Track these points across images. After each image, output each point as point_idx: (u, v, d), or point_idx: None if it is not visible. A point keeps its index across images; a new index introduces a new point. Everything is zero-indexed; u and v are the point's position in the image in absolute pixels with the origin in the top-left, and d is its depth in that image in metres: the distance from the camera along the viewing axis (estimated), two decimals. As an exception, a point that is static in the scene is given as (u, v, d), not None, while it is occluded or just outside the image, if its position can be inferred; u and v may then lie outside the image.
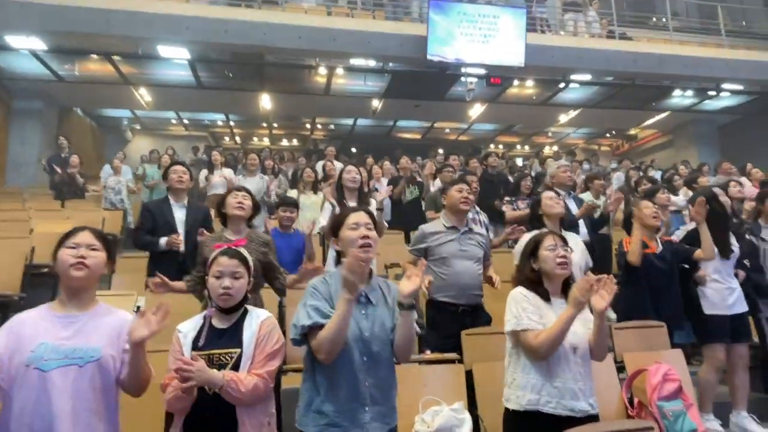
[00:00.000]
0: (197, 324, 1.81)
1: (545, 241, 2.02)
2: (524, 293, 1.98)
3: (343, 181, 3.72)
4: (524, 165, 10.54)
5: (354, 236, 1.74)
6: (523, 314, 1.91)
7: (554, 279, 1.99)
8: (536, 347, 1.85)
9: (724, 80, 9.74)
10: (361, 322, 1.69)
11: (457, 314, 2.85)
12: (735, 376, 3.01)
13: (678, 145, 13.28)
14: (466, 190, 3.02)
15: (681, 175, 7.80)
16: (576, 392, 1.85)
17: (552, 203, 3.13)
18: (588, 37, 9.55)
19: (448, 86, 9.50)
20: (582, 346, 1.92)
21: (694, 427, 2.40)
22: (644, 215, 3.14)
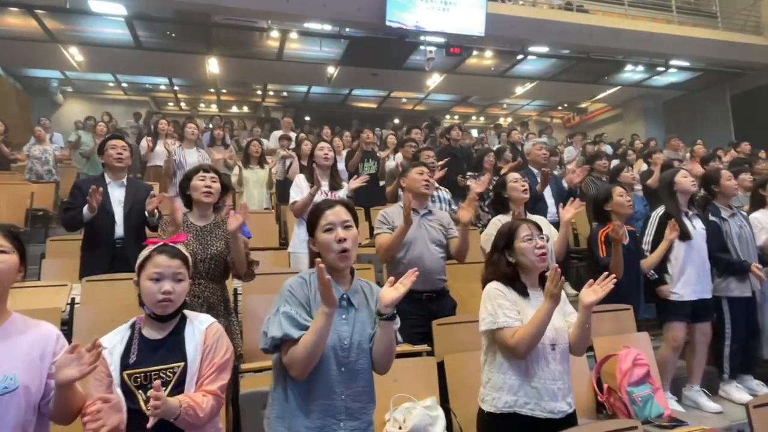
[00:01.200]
0: (124, 336, 1.53)
1: (520, 231, 1.85)
2: (500, 288, 1.84)
3: (316, 158, 3.48)
4: (480, 137, 10.49)
5: (329, 240, 1.53)
6: (499, 311, 1.77)
7: (532, 272, 1.86)
8: (513, 346, 1.72)
9: (673, 56, 10.02)
10: (340, 328, 1.51)
11: (422, 301, 2.71)
12: (695, 353, 3.08)
13: (626, 119, 13.70)
14: (426, 173, 2.85)
15: (636, 149, 8.01)
16: (555, 392, 1.76)
17: (517, 186, 3.01)
18: (547, 8, 9.46)
19: (407, 54, 9.21)
20: (561, 341, 1.82)
21: (661, 411, 2.43)
22: (619, 203, 3.04)
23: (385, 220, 2.81)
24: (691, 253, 2.98)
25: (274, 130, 8.07)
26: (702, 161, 6.36)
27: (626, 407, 2.40)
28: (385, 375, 2.29)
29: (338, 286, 1.54)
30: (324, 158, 3.50)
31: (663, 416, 2.41)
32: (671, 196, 3.13)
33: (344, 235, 1.53)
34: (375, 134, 9.08)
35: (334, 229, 1.54)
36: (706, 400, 3.01)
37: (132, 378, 1.45)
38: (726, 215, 3.36)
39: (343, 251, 1.52)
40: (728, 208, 3.40)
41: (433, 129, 8.36)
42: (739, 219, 3.37)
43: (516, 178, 3.06)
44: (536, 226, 1.90)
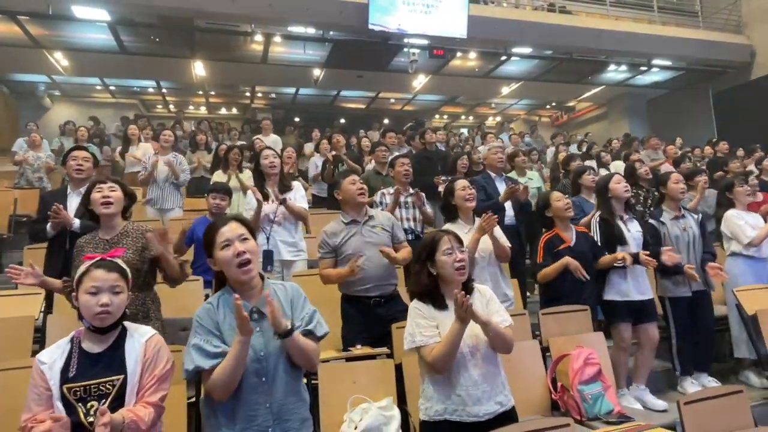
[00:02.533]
0: (64, 350, 1.56)
1: (441, 244, 1.91)
2: (418, 307, 1.92)
3: (262, 167, 3.50)
4: (465, 139, 10.57)
5: (228, 256, 1.57)
6: (416, 331, 1.86)
7: (451, 284, 1.90)
8: (431, 363, 1.82)
9: (655, 56, 10.13)
10: (254, 342, 1.54)
11: (370, 306, 2.77)
12: (640, 354, 3.16)
13: (611, 118, 13.83)
14: (359, 181, 2.90)
15: (612, 150, 8.11)
16: (479, 397, 1.83)
17: (464, 194, 3.01)
18: (530, 9, 9.57)
19: (390, 57, 9.30)
20: (483, 346, 1.88)
21: (611, 408, 2.53)
22: (557, 208, 3.12)
23: (324, 243, 2.85)
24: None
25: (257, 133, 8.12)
26: (674, 162, 6.49)
27: (577, 405, 2.50)
28: (343, 377, 2.41)
29: (246, 301, 1.57)
30: (270, 166, 3.49)
31: (613, 413, 2.51)
32: (606, 201, 3.22)
33: (242, 248, 1.57)
34: (358, 136, 9.22)
35: (231, 244, 1.58)
36: (652, 398, 3.08)
37: (71, 391, 1.49)
38: (667, 218, 3.43)
39: (243, 263, 1.57)
40: (675, 210, 3.48)
41: (418, 130, 8.41)
42: (686, 222, 3.43)
43: (463, 186, 3.05)
44: (457, 238, 1.96)
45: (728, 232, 3.72)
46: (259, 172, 3.55)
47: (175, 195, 5.05)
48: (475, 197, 3.05)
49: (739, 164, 6.81)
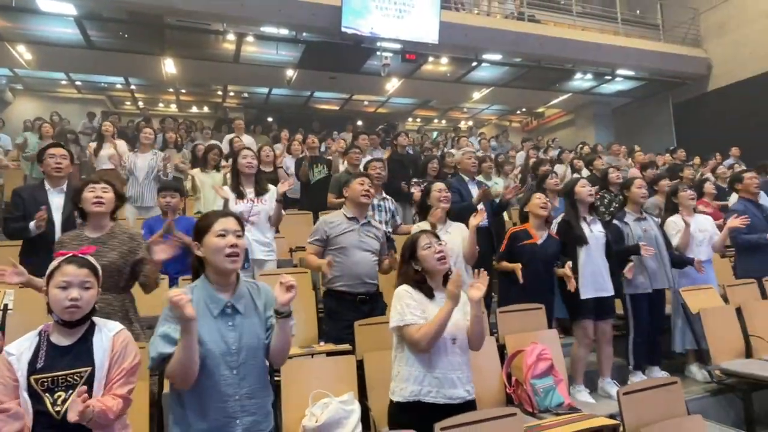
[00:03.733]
0: (32, 343, 1.59)
1: (420, 241, 2.08)
2: (408, 290, 2.06)
3: (239, 166, 3.55)
4: (436, 142, 10.75)
5: (221, 245, 1.63)
6: (406, 310, 1.98)
7: (436, 275, 2.08)
8: (418, 340, 1.93)
9: (619, 66, 10.54)
10: (227, 335, 1.61)
11: (356, 303, 2.89)
12: (600, 349, 3.35)
13: (578, 125, 14.26)
14: (367, 183, 3.03)
15: (584, 155, 8.39)
16: (454, 381, 1.97)
17: (440, 196, 3.21)
18: (500, 18, 9.81)
19: (363, 59, 9.38)
20: (461, 336, 2.03)
21: (561, 400, 2.67)
22: (533, 205, 3.33)
23: (318, 230, 2.99)
24: (590, 256, 3.24)
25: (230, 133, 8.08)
26: (641, 168, 6.78)
27: (530, 398, 2.63)
28: (306, 373, 2.47)
29: (221, 295, 1.65)
30: (247, 166, 3.54)
31: (563, 405, 2.65)
32: (572, 204, 3.40)
33: (236, 242, 1.65)
34: (333, 137, 9.27)
35: (227, 235, 1.65)
36: (614, 389, 3.26)
37: (39, 382, 1.53)
38: (630, 220, 3.64)
39: (233, 254, 1.63)
40: (637, 213, 3.69)
41: (390, 133, 8.56)
42: (647, 224, 3.65)
43: (440, 188, 3.25)
44: (433, 234, 2.14)
45: (668, 235, 3.94)
46: (236, 171, 3.57)
47: (155, 193, 5.02)
48: (449, 200, 3.25)
49: (693, 171, 7.18)
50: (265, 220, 3.60)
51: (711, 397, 3.40)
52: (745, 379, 3.24)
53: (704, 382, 3.59)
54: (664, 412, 2.13)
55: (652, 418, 2.08)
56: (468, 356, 2.08)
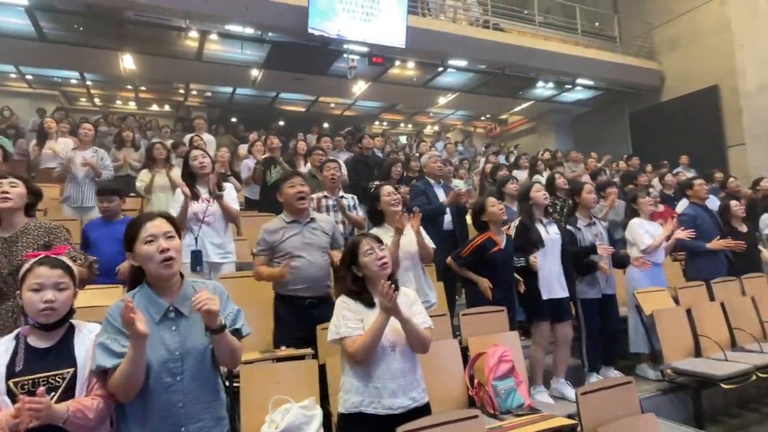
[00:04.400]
0: (9, 346, 1.53)
1: (361, 246, 2.01)
2: (345, 301, 2.00)
3: (191, 167, 3.45)
4: (402, 146, 10.81)
5: (152, 252, 1.54)
6: (341, 322, 1.93)
7: (377, 282, 1.97)
8: (353, 353, 1.88)
9: (579, 75, 10.88)
10: (168, 341, 1.54)
11: (304, 307, 2.81)
12: (558, 350, 3.43)
13: (540, 132, 14.64)
14: (299, 185, 2.93)
15: (543, 160, 8.61)
16: (394, 390, 1.91)
17: (390, 200, 3.09)
18: (466, 24, 9.96)
19: (330, 61, 9.33)
20: (402, 342, 1.97)
21: (522, 401, 2.71)
22: (492, 213, 3.34)
23: (262, 240, 2.89)
24: (546, 258, 3.32)
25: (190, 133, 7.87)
26: (592, 174, 7.01)
27: (491, 399, 2.66)
28: (266, 379, 2.41)
29: (163, 298, 1.58)
30: (200, 167, 3.44)
31: (523, 406, 2.69)
32: (527, 208, 3.47)
33: (167, 245, 1.56)
34: (298, 138, 9.15)
35: (156, 240, 1.56)
36: (569, 390, 3.33)
37: (19, 386, 1.47)
38: (582, 225, 3.74)
39: (166, 260, 1.55)
40: (587, 218, 3.80)
41: (356, 135, 8.53)
42: (596, 229, 3.76)
43: (389, 192, 3.13)
44: (375, 239, 2.06)
45: (630, 238, 4.09)
46: (189, 173, 3.47)
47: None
48: (400, 202, 3.14)
49: (647, 178, 7.49)
50: (221, 222, 3.51)
51: (663, 396, 3.54)
52: (694, 378, 3.38)
53: (656, 380, 3.73)
54: (620, 411, 2.19)
55: (608, 418, 2.13)
56: (414, 362, 2.01)
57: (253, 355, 2.63)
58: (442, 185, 4.50)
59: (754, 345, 3.77)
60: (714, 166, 7.81)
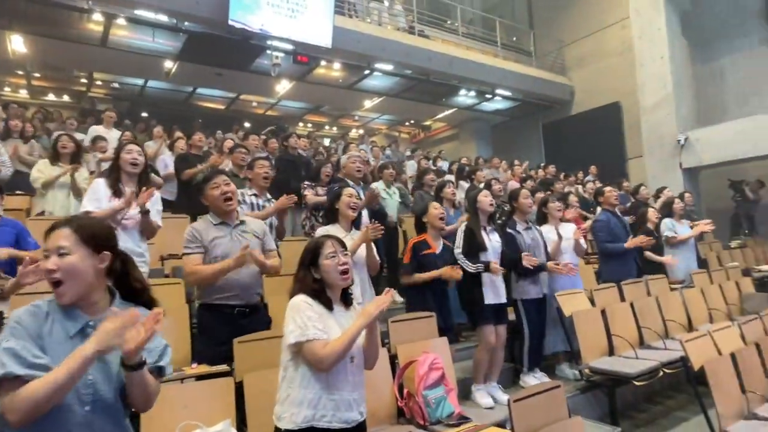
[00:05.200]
0: None
1: (325, 248, 1.88)
2: (307, 301, 1.82)
3: (122, 162, 3.04)
4: (329, 147, 10.61)
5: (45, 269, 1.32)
6: (308, 323, 1.75)
7: (336, 287, 1.89)
8: (322, 358, 1.72)
9: (498, 86, 11.33)
10: None
11: (233, 316, 2.57)
12: (495, 353, 3.42)
13: (462, 139, 15.10)
14: (223, 184, 2.69)
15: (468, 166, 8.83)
16: (351, 403, 1.81)
17: (350, 202, 3.07)
18: (391, 28, 9.99)
19: (252, 57, 8.92)
20: (359, 354, 1.87)
21: (452, 410, 2.64)
22: (432, 215, 3.32)
23: (194, 238, 2.61)
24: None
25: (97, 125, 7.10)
26: (521, 181, 7.29)
27: (421, 410, 2.55)
28: (172, 402, 2.12)
29: (84, 312, 1.33)
30: (131, 163, 3.06)
31: (453, 415, 2.62)
32: (474, 213, 3.48)
33: (53, 265, 1.30)
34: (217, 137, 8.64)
35: (49, 256, 1.32)
36: (500, 394, 3.35)
37: None
38: (521, 228, 3.82)
39: (53, 282, 1.30)
40: (524, 222, 3.88)
41: (278, 135, 8.15)
42: (533, 232, 3.87)
43: (350, 194, 3.11)
44: (340, 242, 1.93)
45: None
46: (116, 166, 3.04)
47: None
48: (358, 207, 3.10)
49: (562, 185, 7.92)
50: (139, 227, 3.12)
51: (581, 395, 3.65)
52: (609, 376, 3.52)
53: (574, 380, 3.85)
54: (550, 416, 2.17)
55: (539, 423, 2.10)
56: (363, 375, 1.92)
57: (157, 374, 2.31)
58: (361, 187, 4.36)
59: (659, 343, 4.02)
60: (617, 176, 8.46)
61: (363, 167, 4.51)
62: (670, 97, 9.38)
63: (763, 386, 3.13)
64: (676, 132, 9.24)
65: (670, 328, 4.31)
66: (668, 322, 4.34)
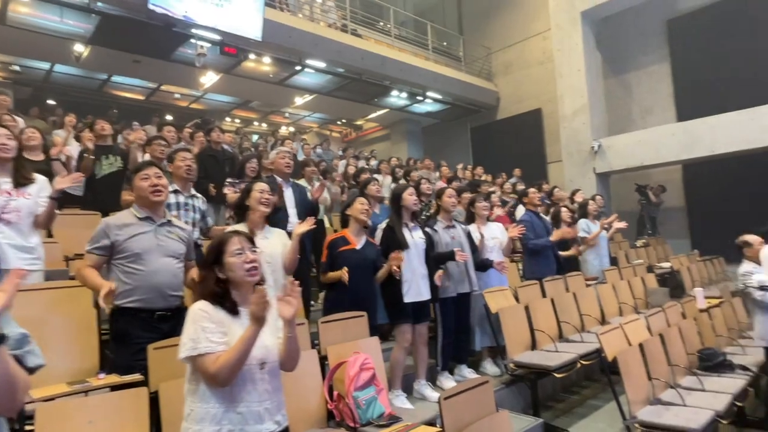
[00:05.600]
0: None
1: (230, 245, 1.73)
2: (205, 309, 1.66)
3: None
4: (257, 143, 10.27)
5: None
6: (202, 335, 1.59)
7: (243, 287, 1.73)
8: (215, 374, 1.55)
9: (429, 89, 11.55)
10: None
11: (153, 321, 2.38)
12: (417, 351, 3.45)
13: (394, 140, 15.24)
14: (154, 176, 2.51)
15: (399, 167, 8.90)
16: (261, 414, 1.66)
17: (260, 197, 2.88)
18: (324, 25, 9.86)
19: (175, 45, 8.41)
20: (271, 359, 1.72)
21: (383, 410, 2.61)
22: (356, 210, 3.26)
23: (102, 235, 2.39)
24: (410, 261, 3.33)
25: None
26: (447, 181, 7.46)
27: (352, 412, 2.50)
28: (75, 418, 1.90)
29: None
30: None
31: (384, 416, 2.59)
32: (397, 210, 3.47)
33: None
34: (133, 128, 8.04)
35: None
36: (430, 391, 3.38)
37: None
38: (440, 227, 3.86)
39: None
40: (447, 221, 3.92)
41: (202, 128, 7.72)
42: (455, 231, 3.90)
43: (261, 189, 2.92)
44: (248, 238, 1.79)
45: None
46: None
47: None
48: (270, 203, 2.91)
49: (488, 186, 8.21)
50: (28, 220, 2.80)
51: (506, 388, 3.78)
52: (532, 369, 3.67)
53: (498, 375, 3.98)
54: (479, 411, 2.20)
55: (468, 419, 2.12)
56: (279, 381, 1.77)
57: (59, 388, 2.08)
58: (291, 183, 4.23)
59: (576, 336, 4.26)
60: (538, 179, 8.92)
61: (293, 163, 4.36)
62: (585, 106, 10.04)
63: (666, 374, 3.40)
64: (591, 139, 9.91)
65: (586, 321, 4.58)
66: (584, 316, 4.61)
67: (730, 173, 9.10)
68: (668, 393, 3.22)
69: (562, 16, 10.43)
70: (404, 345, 3.31)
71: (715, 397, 3.15)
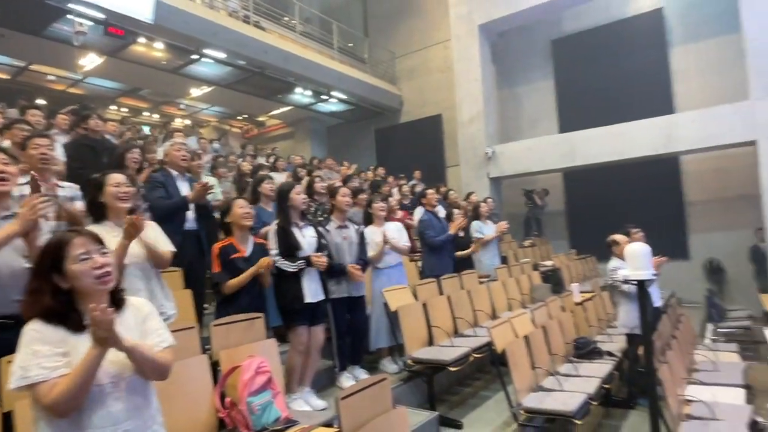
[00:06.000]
0: None
1: (72, 249, 1.45)
2: (37, 329, 1.40)
3: None
4: (148, 135, 9.48)
5: None
6: (32, 362, 1.35)
7: (94, 297, 1.45)
8: (50, 405, 1.33)
9: (334, 88, 11.51)
10: None
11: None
12: (309, 356, 3.31)
13: (297, 138, 14.98)
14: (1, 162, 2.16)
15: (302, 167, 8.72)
16: None
17: (117, 191, 2.48)
18: (224, 14, 9.38)
19: (48, 20, 7.47)
20: (128, 374, 1.49)
21: (279, 414, 2.50)
22: (236, 215, 3.07)
23: None
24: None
25: None
26: (343, 180, 7.45)
27: (245, 419, 2.37)
28: None
29: None
30: None
31: (280, 420, 2.49)
32: (284, 210, 3.36)
33: None
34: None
35: None
36: (315, 400, 3.26)
37: None
38: (333, 227, 3.83)
39: None
40: (341, 220, 3.88)
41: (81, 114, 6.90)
42: (348, 231, 3.86)
43: (117, 182, 2.50)
44: (94, 238, 1.51)
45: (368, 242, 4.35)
46: None
47: None
48: (129, 196, 2.53)
49: (389, 188, 8.38)
50: None
51: (404, 385, 3.85)
52: (428, 365, 3.78)
53: (397, 372, 4.05)
54: (376, 409, 2.20)
55: (366, 418, 2.11)
56: (145, 395, 1.54)
57: None
58: (187, 178, 3.93)
59: (470, 330, 4.48)
60: (438, 182, 9.28)
61: (189, 156, 4.06)
62: (481, 114, 10.65)
63: (547, 362, 3.69)
64: (485, 145, 10.54)
65: (479, 316, 4.84)
66: (477, 311, 4.86)
67: (603, 181, 10.21)
68: (549, 380, 3.50)
69: (462, 27, 10.97)
70: (299, 348, 3.21)
71: (587, 382, 3.48)
